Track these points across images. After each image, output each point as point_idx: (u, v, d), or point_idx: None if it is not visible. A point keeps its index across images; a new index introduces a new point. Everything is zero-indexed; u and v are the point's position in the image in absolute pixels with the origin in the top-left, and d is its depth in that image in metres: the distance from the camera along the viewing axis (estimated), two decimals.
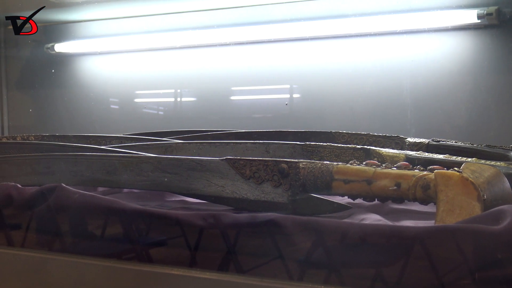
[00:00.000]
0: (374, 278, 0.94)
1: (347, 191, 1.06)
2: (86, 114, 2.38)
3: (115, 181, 1.28)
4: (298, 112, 1.98)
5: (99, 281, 1.08)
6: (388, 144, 1.45)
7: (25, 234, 1.31)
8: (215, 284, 0.97)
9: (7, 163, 1.42)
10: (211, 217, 1.06)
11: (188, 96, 2.27)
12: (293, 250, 1.00)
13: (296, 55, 1.99)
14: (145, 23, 2.21)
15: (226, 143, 1.46)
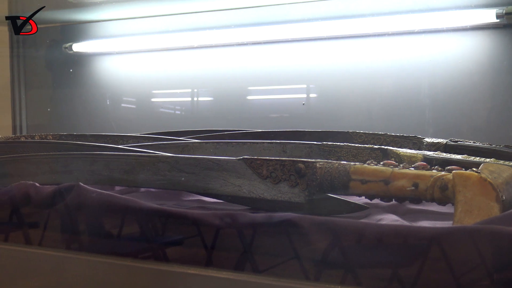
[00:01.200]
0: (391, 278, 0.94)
1: (364, 191, 1.05)
2: (103, 113, 2.39)
3: (132, 180, 1.28)
4: (315, 112, 1.98)
5: (116, 280, 1.08)
6: (405, 144, 1.44)
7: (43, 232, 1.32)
8: (231, 283, 0.97)
9: (25, 162, 1.42)
10: (227, 217, 1.06)
11: (205, 96, 2.27)
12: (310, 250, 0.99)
13: (313, 55, 1.99)
14: (162, 22, 2.22)
15: (243, 142, 1.46)
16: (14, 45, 2.53)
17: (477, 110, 1.73)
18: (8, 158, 1.49)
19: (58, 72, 2.51)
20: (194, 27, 2.16)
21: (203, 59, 2.20)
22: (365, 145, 1.36)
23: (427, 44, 1.78)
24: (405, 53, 1.82)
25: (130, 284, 1.06)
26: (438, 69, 1.76)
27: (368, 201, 1.12)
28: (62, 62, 2.44)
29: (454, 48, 1.75)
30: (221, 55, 2.17)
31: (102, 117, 2.39)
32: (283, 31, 1.99)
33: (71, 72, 2.44)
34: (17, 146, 1.60)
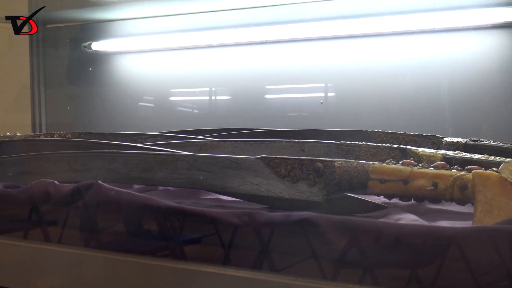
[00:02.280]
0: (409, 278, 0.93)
1: (383, 191, 1.05)
2: (122, 112, 2.40)
3: (151, 179, 1.29)
4: (333, 111, 1.97)
5: (134, 278, 1.08)
6: (424, 144, 1.43)
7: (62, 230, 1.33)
8: (249, 282, 0.97)
9: (44, 160, 1.43)
10: (245, 215, 1.06)
11: (223, 95, 2.28)
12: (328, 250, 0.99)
13: (331, 54, 1.98)
14: (181, 21, 2.22)
15: (261, 141, 1.46)
16: (34, 44, 2.54)
17: (498, 109, 1.71)
18: (28, 156, 1.50)
19: (77, 71, 2.52)
20: (213, 25, 2.16)
21: (221, 58, 2.20)
22: (384, 144, 1.36)
23: (447, 43, 1.77)
24: (425, 51, 1.81)
25: (148, 282, 1.07)
26: (458, 68, 1.75)
27: (387, 201, 1.11)
28: (81, 60, 2.46)
29: (474, 47, 1.74)
30: (239, 53, 2.17)
31: (121, 115, 2.40)
32: (301, 29, 1.99)
33: (90, 71, 2.45)
34: (37, 144, 1.61)
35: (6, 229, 1.40)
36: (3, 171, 1.47)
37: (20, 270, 1.23)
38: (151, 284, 1.06)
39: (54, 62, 2.59)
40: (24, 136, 1.85)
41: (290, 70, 2.06)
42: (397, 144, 1.37)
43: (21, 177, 1.45)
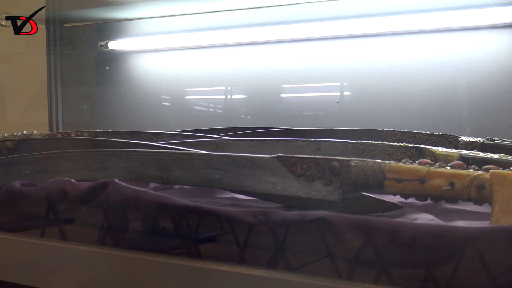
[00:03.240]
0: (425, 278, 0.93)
1: (400, 190, 1.04)
2: (138, 110, 2.41)
3: (167, 177, 1.29)
4: (349, 110, 1.97)
5: (149, 276, 1.09)
6: (441, 143, 1.43)
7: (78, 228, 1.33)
8: (264, 281, 0.97)
9: (61, 158, 1.44)
10: (261, 214, 1.06)
11: (239, 94, 2.28)
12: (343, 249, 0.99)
13: (347, 53, 1.98)
14: (197, 20, 2.22)
15: (276, 140, 1.46)
16: (51, 43, 2.56)
17: None
18: (45, 154, 1.51)
19: (94, 70, 2.53)
20: (229, 25, 2.16)
21: (237, 57, 2.20)
22: (400, 143, 1.35)
23: (465, 42, 1.76)
24: (441, 50, 1.80)
25: (163, 280, 1.07)
26: (476, 67, 1.74)
27: (403, 200, 1.11)
28: (98, 59, 2.47)
29: (492, 46, 1.73)
30: (255, 52, 2.17)
31: (137, 114, 2.40)
32: (317, 28, 1.99)
33: (106, 70, 2.46)
34: (54, 143, 1.62)
35: (23, 227, 1.41)
36: (20, 170, 1.48)
37: (36, 268, 1.24)
38: (166, 283, 1.07)
39: (71, 61, 2.61)
40: (41, 135, 1.86)
41: (305, 69, 2.06)
42: (413, 144, 1.36)
43: (38, 175, 1.45)
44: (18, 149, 1.62)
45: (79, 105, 2.61)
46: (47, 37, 2.56)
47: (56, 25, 2.55)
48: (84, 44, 2.56)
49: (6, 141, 1.64)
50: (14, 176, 1.46)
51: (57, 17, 2.54)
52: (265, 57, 2.14)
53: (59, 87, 2.57)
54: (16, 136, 1.81)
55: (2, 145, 1.64)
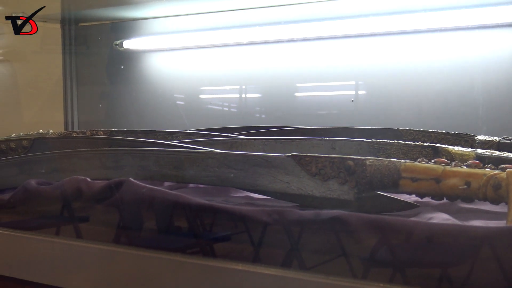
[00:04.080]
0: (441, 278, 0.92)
1: (415, 189, 1.04)
2: (153, 109, 2.42)
3: (182, 176, 1.29)
4: (364, 109, 1.96)
5: (164, 274, 1.09)
6: (457, 142, 1.42)
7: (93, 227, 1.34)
8: (278, 280, 0.97)
9: (77, 157, 1.45)
10: (275, 213, 1.06)
11: (253, 93, 2.28)
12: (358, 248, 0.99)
13: (362, 51, 1.97)
14: (211, 19, 2.23)
15: (291, 139, 1.45)
16: (66, 42, 2.57)
17: None
18: (60, 153, 1.52)
19: (109, 69, 2.54)
20: (243, 24, 2.16)
21: (251, 56, 2.20)
22: (416, 142, 1.35)
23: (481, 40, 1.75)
24: (458, 49, 1.78)
25: (178, 279, 1.07)
26: (492, 66, 1.73)
27: (419, 199, 1.10)
28: (112, 59, 2.48)
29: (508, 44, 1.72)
30: (269, 51, 2.16)
31: (152, 113, 2.41)
32: (331, 27, 1.98)
33: (121, 69, 2.47)
34: (69, 141, 1.63)
35: (39, 225, 1.42)
36: (36, 168, 1.49)
37: (51, 266, 1.25)
38: (181, 281, 1.07)
39: (86, 61, 2.62)
40: (56, 134, 1.87)
41: (320, 68, 2.06)
42: (429, 143, 1.36)
43: (53, 174, 1.46)
44: (34, 148, 1.63)
45: (94, 104, 2.62)
46: (62, 37, 2.57)
47: (71, 24, 2.56)
48: (99, 43, 2.57)
49: (22, 140, 1.66)
50: (30, 175, 1.47)
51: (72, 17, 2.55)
52: (280, 56, 2.13)
53: (74, 86, 2.58)
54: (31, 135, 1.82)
55: (18, 144, 1.65)
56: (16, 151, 1.64)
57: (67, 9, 2.53)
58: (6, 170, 1.53)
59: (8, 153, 1.65)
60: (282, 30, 2.07)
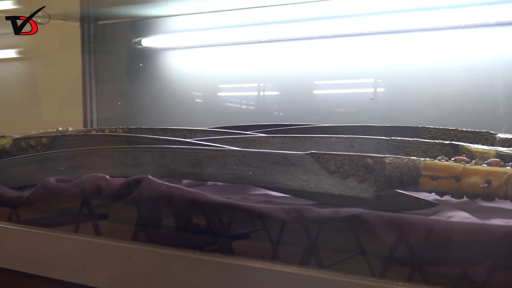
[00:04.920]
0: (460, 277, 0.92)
1: (435, 188, 1.03)
2: (171, 107, 2.42)
3: (200, 174, 1.30)
4: (383, 107, 1.95)
5: (182, 272, 1.09)
6: (477, 140, 1.41)
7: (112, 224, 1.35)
8: (296, 278, 0.97)
9: (96, 154, 1.45)
10: (294, 211, 1.06)
11: (272, 90, 2.27)
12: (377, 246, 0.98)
13: (381, 49, 1.96)
14: (229, 17, 2.23)
15: (310, 137, 1.45)
16: (85, 40, 2.59)
17: None
18: (79, 151, 1.53)
19: (127, 67, 2.55)
20: (261, 21, 2.16)
21: (270, 53, 2.20)
22: (435, 140, 1.34)
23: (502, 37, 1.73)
24: (478, 46, 1.77)
25: (196, 276, 1.07)
26: None
27: (438, 198, 1.09)
28: (131, 56, 2.49)
29: None
30: (288, 49, 2.16)
31: (170, 110, 2.42)
32: (350, 25, 1.97)
33: (140, 67, 2.48)
34: (88, 139, 1.64)
35: (58, 222, 1.42)
36: (55, 166, 1.50)
37: (70, 263, 1.25)
38: (199, 279, 1.07)
39: (105, 58, 2.63)
40: (76, 131, 1.88)
41: (339, 66, 2.05)
42: (449, 141, 1.34)
43: (73, 171, 1.47)
44: (53, 145, 1.64)
45: (113, 102, 2.63)
46: (81, 35, 2.59)
47: (90, 22, 2.57)
48: (118, 41, 2.58)
49: (41, 138, 1.67)
50: (49, 172, 1.48)
51: (91, 15, 2.56)
52: (299, 53, 2.13)
53: (93, 84, 2.59)
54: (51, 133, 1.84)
55: (37, 142, 1.66)
56: (35, 149, 1.66)
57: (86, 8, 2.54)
58: (26, 167, 1.54)
59: (28, 150, 1.67)
60: (301, 27, 2.07)
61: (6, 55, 2.69)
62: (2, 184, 1.54)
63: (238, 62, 2.27)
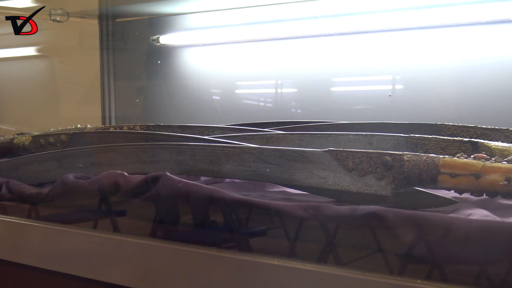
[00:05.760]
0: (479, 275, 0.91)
1: (454, 185, 1.02)
2: (189, 104, 2.43)
3: (218, 171, 1.30)
4: (401, 104, 1.94)
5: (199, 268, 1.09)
6: (497, 137, 1.39)
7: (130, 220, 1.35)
8: (314, 275, 0.96)
9: (114, 151, 1.46)
10: (312, 208, 1.06)
11: (289, 87, 2.27)
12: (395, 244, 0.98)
13: (399, 46, 1.95)
14: (247, 14, 2.23)
15: (328, 134, 1.45)
16: (104, 38, 2.60)
17: None
18: (98, 148, 1.54)
19: (145, 64, 2.56)
20: (279, 18, 2.15)
21: (287, 51, 2.20)
22: (455, 137, 1.33)
23: None
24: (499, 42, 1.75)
25: (213, 273, 1.07)
26: None
27: (457, 195, 1.09)
28: (149, 54, 2.50)
29: None
30: (305, 46, 2.15)
31: (188, 108, 2.42)
32: (369, 21, 1.96)
33: (158, 64, 2.49)
34: (107, 136, 1.64)
35: (77, 219, 1.43)
36: (74, 162, 1.50)
37: (89, 259, 1.26)
38: (216, 275, 1.07)
39: (123, 56, 2.64)
40: (94, 128, 1.89)
41: (357, 62, 2.04)
42: (468, 138, 1.34)
43: (91, 168, 1.48)
44: (72, 142, 1.65)
45: (131, 99, 2.64)
46: (100, 32, 2.60)
47: (108, 20, 2.58)
48: (136, 38, 2.59)
49: (60, 135, 1.68)
50: (68, 169, 1.49)
51: (109, 12, 2.57)
52: (316, 50, 2.12)
53: (111, 82, 2.60)
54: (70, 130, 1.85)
55: (56, 139, 1.67)
56: (55, 146, 1.67)
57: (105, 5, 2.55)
58: (45, 164, 1.55)
59: (47, 147, 1.68)
60: (319, 24, 2.06)
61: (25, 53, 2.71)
62: (22, 181, 1.55)
63: (255, 60, 2.27)
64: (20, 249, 1.39)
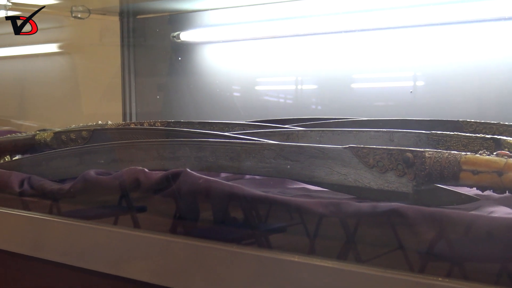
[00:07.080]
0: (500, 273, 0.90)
1: (476, 183, 1.02)
2: (209, 101, 2.43)
3: (238, 167, 1.30)
4: (423, 100, 1.93)
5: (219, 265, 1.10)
6: None
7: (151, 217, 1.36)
8: (334, 272, 0.96)
9: (135, 148, 1.47)
10: (332, 205, 1.05)
11: (309, 84, 2.27)
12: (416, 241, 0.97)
13: (421, 42, 1.94)
14: (267, 10, 2.22)
15: (348, 131, 1.44)
16: (124, 34, 2.61)
17: None
18: (118, 144, 1.54)
19: (166, 61, 2.57)
20: (299, 14, 2.15)
21: (307, 47, 2.19)
22: (477, 134, 1.32)
23: None
24: None
25: (233, 269, 1.08)
26: None
27: (479, 193, 1.08)
28: (170, 50, 2.50)
29: None
30: (326, 42, 2.15)
31: (209, 104, 2.42)
32: (390, 17, 1.95)
33: (179, 61, 2.49)
34: (127, 132, 1.65)
35: (98, 215, 1.44)
36: (95, 159, 1.51)
37: (110, 255, 1.27)
38: (236, 272, 1.07)
39: (144, 53, 2.65)
40: (115, 125, 1.90)
41: (377, 59, 2.03)
42: (490, 135, 1.32)
43: (112, 164, 1.48)
44: (93, 138, 1.66)
45: (151, 96, 2.65)
46: (120, 29, 2.61)
47: (129, 17, 2.60)
48: (156, 35, 2.60)
49: (81, 131, 1.69)
50: (89, 165, 1.50)
51: (130, 9, 2.58)
52: (337, 46, 2.11)
53: (132, 78, 2.62)
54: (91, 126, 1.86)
55: (77, 135, 1.68)
56: (76, 142, 1.68)
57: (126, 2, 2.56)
58: (67, 160, 1.56)
59: (68, 143, 1.69)
60: (339, 20, 2.06)
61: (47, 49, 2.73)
62: (43, 176, 1.57)
63: (276, 56, 2.27)
64: (41, 245, 1.40)
